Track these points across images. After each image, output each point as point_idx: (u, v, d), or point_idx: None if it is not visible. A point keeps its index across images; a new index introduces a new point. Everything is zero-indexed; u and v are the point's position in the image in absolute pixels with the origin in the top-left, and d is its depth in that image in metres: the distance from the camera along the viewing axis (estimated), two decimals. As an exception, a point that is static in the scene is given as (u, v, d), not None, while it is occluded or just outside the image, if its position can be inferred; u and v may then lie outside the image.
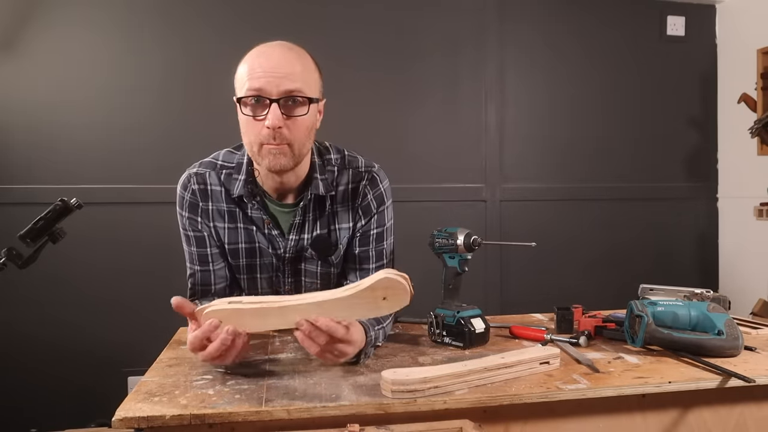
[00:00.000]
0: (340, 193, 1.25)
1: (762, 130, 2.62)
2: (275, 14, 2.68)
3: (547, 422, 0.95)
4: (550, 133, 3.01)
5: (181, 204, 1.24)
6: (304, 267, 1.28)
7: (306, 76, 1.12)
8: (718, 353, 1.09)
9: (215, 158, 1.25)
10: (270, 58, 1.10)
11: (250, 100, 1.10)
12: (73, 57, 2.51)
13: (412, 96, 2.85)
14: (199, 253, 1.24)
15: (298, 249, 1.25)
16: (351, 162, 1.27)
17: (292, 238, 1.24)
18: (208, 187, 1.23)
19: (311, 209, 1.24)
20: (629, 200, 3.11)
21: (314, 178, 1.22)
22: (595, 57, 3.05)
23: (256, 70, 1.09)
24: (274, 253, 1.25)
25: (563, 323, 1.31)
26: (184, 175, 1.25)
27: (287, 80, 1.08)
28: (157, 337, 1.46)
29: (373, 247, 1.27)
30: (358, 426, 0.83)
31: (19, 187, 2.47)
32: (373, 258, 1.27)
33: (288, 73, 1.09)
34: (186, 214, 1.24)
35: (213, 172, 1.23)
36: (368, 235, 1.26)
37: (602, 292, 2.97)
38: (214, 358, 0.98)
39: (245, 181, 1.20)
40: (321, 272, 1.29)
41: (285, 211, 1.24)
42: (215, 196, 1.23)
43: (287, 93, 1.09)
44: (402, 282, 0.93)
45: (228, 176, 1.22)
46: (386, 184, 1.29)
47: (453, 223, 1.33)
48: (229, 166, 1.23)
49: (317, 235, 1.24)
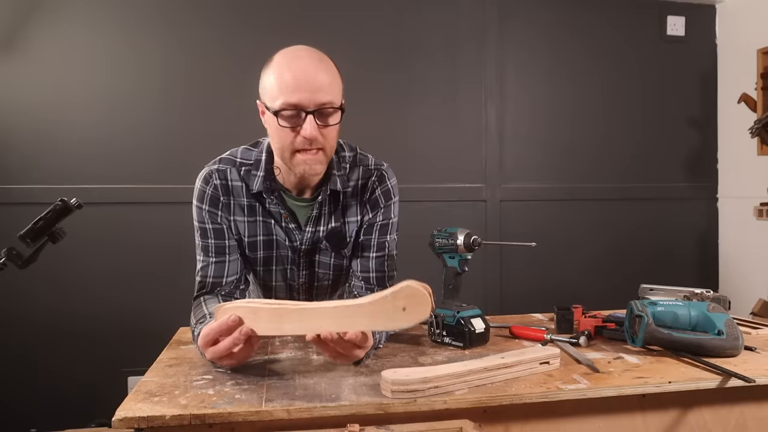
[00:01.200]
0: (351, 188, 1.31)
1: (762, 130, 2.62)
2: (275, 14, 2.68)
3: (547, 422, 0.95)
4: (550, 133, 3.01)
5: (201, 198, 1.28)
6: (319, 258, 1.34)
7: (334, 86, 1.17)
8: (718, 353, 1.09)
9: (233, 155, 1.30)
10: (303, 71, 1.13)
11: (287, 112, 1.14)
12: (73, 57, 2.51)
13: (412, 96, 2.85)
14: (216, 245, 1.28)
15: (314, 241, 1.31)
16: (362, 160, 1.34)
17: (308, 230, 1.30)
18: (230, 182, 1.28)
19: (327, 203, 1.30)
20: (629, 200, 3.11)
21: (332, 174, 1.28)
22: (595, 57, 3.05)
23: (289, 83, 1.12)
24: (291, 245, 1.31)
25: (563, 323, 1.31)
26: (205, 171, 1.29)
27: (321, 93, 1.13)
28: (157, 337, 1.46)
29: (375, 237, 1.31)
30: (358, 426, 0.84)
31: (19, 187, 2.47)
32: (374, 247, 1.32)
33: (321, 86, 1.13)
34: (206, 208, 1.27)
35: (234, 168, 1.28)
36: (372, 225, 1.32)
37: (602, 292, 2.97)
38: (221, 357, 1.00)
39: (264, 178, 1.25)
40: (334, 263, 1.35)
41: (302, 206, 1.30)
42: (236, 192, 1.28)
43: (321, 105, 1.14)
44: (424, 293, 0.92)
45: (247, 172, 1.27)
46: (394, 181, 1.35)
47: (453, 223, 1.33)
48: (248, 163, 1.28)
49: (332, 227, 1.31)
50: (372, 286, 1.31)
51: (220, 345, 0.99)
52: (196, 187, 1.29)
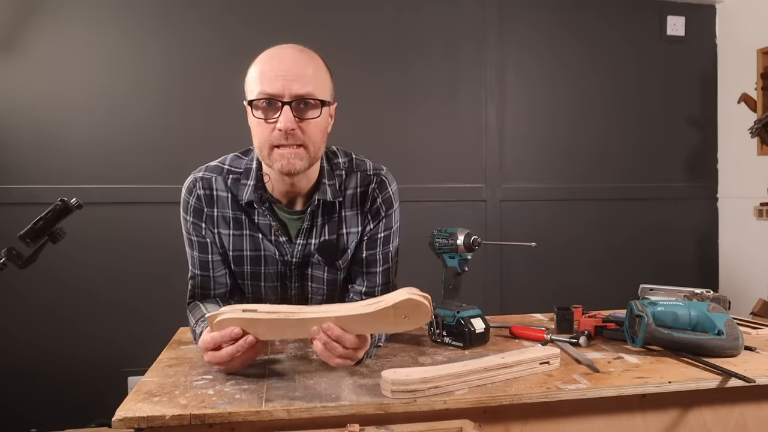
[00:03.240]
0: (349, 197, 1.23)
1: (762, 130, 2.62)
2: (275, 14, 2.68)
3: (547, 422, 0.95)
4: (550, 133, 3.01)
5: (185, 208, 1.22)
6: (311, 272, 1.27)
7: (318, 79, 1.11)
8: (718, 353, 1.09)
9: (222, 163, 1.23)
10: (282, 61, 1.08)
11: (262, 103, 1.08)
12: (72, 57, 2.51)
13: (412, 96, 2.85)
14: (200, 259, 1.23)
15: (306, 254, 1.24)
16: (359, 165, 1.26)
17: (299, 243, 1.23)
18: (214, 192, 1.21)
19: (319, 214, 1.22)
20: (629, 200, 3.11)
21: (322, 183, 1.20)
22: (595, 57, 3.05)
23: (267, 73, 1.08)
24: (281, 259, 1.23)
25: (563, 323, 1.31)
26: (190, 179, 1.23)
27: (299, 83, 1.07)
28: (157, 337, 1.46)
29: (380, 250, 1.26)
30: (358, 426, 0.84)
31: (19, 187, 2.47)
32: (380, 261, 1.26)
33: (300, 75, 1.08)
34: (190, 219, 1.22)
35: (220, 177, 1.21)
36: (376, 239, 1.25)
37: (602, 292, 2.97)
38: (221, 363, 0.98)
39: (255, 187, 1.18)
40: (327, 278, 1.28)
41: (293, 218, 1.22)
42: (221, 202, 1.21)
43: (299, 96, 1.08)
44: (425, 303, 0.92)
45: (235, 181, 1.20)
46: (394, 186, 1.28)
47: (453, 223, 1.33)
48: (237, 171, 1.21)
49: (324, 240, 1.23)
50: None
51: (222, 352, 0.97)
52: (181, 195, 1.23)
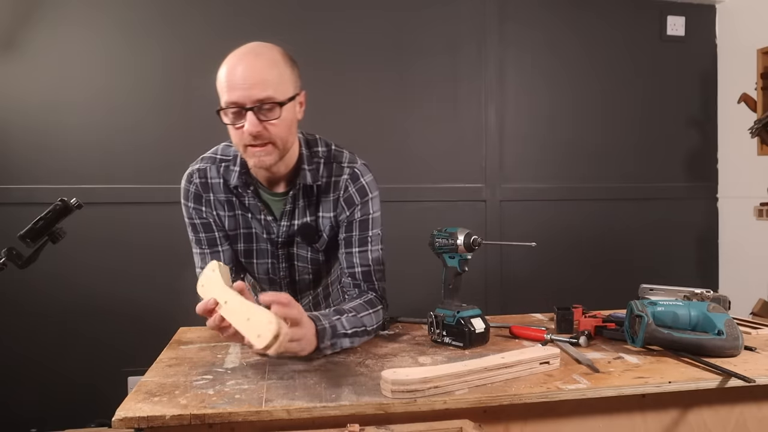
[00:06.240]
0: (324, 184, 1.33)
1: (762, 130, 2.62)
2: (275, 13, 2.68)
3: (547, 422, 0.95)
4: (550, 133, 3.01)
5: (186, 196, 1.35)
6: (296, 251, 1.38)
7: (277, 80, 1.17)
8: (718, 353, 1.09)
9: (215, 152, 1.36)
10: (241, 69, 1.15)
11: (228, 111, 1.18)
12: (73, 57, 2.51)
13: (412, 96, 2.85)
14: (207, 237, 1.36)
15: (290, 234, 1.35)
16: (336, 156, 1.34)
17: (284, 224, 1.34)
18: (209, 180, 1.34)
19: (300, 197, 1.32)
20: (629, 200, 3.11)
21: (302, 168, 1.30)
22: (595, 57, 3.05)
23: (229, 81, 1.16)
24: (269, 238, 1.36)
25: (563, 323, 1.31)
26: (188, 171, 1.36)
27: (258, 88, 1.14)
28: (157, 337, 1.46)
29: (356, 233, 1.33)
30: (358, 426, 0.84)
31: (19, 187, 2.47)
32: (356, 243, 1.33)
33: (258, 81, 1.14)
34: (192, 205, 1.35)
35: (213, 166, 1.34)
36: (352, 222, 1.33)
37: (602, 292, 2.97)
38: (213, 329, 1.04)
39: (239, 173, 1.30)
40: (311, 257, 1.39)
41: (276, 200, 1.33)
42: (215, 188, 1.34)
43: (260, 100, 1.15)
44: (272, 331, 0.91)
45: (226, 168, 1.32)
46: (368, 178, 1.35)
47: (453, 223, 1.33)
48: (227, 159, 1.33)
49: (302, 222, 1.34)
50: (358, 282, 1.32)
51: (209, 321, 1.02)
52: (181, 186, 1.35)
